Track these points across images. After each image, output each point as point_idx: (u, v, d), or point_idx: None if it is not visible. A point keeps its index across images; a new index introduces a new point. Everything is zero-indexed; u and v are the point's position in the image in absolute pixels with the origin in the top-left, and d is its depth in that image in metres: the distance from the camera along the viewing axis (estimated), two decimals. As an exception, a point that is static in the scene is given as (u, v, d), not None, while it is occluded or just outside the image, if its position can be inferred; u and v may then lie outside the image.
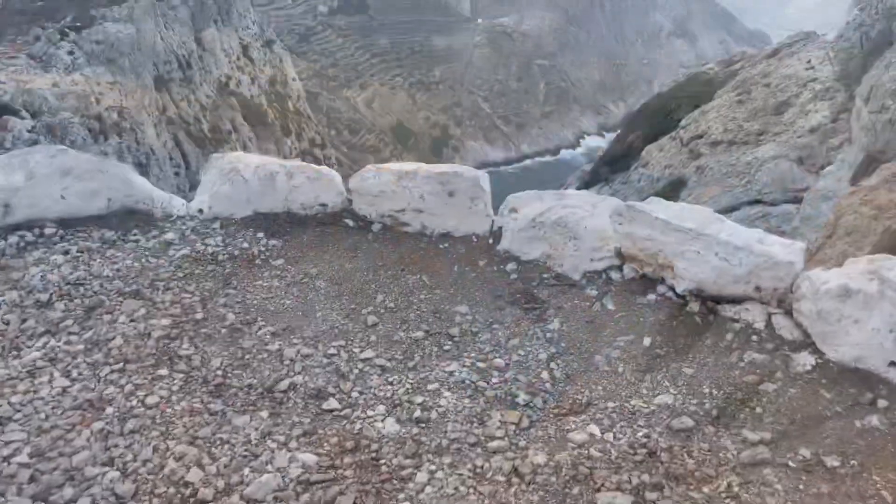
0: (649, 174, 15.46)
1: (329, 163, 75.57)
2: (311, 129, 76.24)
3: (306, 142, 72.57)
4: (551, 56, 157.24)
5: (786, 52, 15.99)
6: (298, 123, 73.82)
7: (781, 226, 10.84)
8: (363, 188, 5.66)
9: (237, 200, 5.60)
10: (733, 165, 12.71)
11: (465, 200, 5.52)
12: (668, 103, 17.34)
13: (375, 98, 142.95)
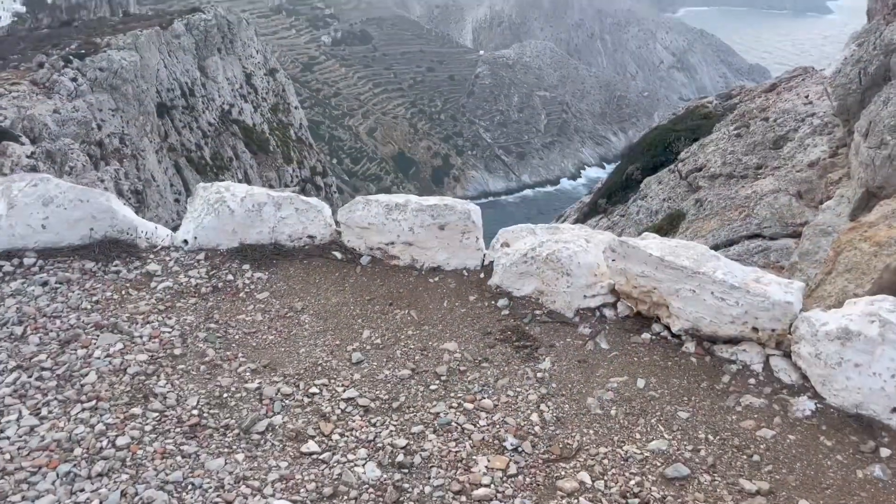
0: (648, 207, 15.35)
1: (330, 191, 75.93)
2: (312, 157, 76.68)
3: (308, 170, 72.97)
4: (552, 88, 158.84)
5: (784, 86, 16.01)
6: (300, 151, 74.30)
7: (780, 260, 10.70)
8: (352, 220, 5.54)
9: (223, 231, 5.48)
10: (732, 199, 12.61)
11: (455, 234, 5.40)
12: (666, 136, 17.32)
13: (377, 127, 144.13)
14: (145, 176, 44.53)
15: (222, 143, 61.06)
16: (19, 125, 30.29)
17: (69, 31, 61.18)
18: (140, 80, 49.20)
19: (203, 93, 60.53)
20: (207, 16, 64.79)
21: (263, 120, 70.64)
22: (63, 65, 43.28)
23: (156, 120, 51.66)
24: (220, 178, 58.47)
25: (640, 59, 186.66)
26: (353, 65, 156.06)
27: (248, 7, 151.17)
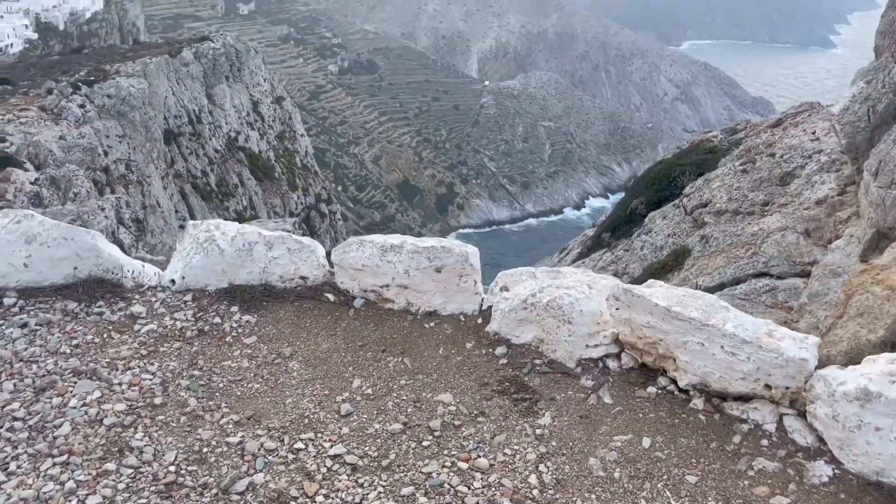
0: (652, 242, 15.14)
1: (334, 218, 76.06)
2: (317, 185, 76.97)
3: (312, 196, 73.19)
4: (557, 118, 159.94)
5: (790, 122, 15.90)
6: (305, 178, 74.62)
7: (789, 300, 10.45)
8: (345, 261, 5.34)
9: (212, 271, 5.28)
10: (738, 236, 12.39)
11: (453, 277, 5.19)
12: (671, 170, 17.18)
13: (382, 155, 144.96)
14: (150, 202, 44.60)
15: (228, 169, 61.34)
16: (24, 151, 30.35)
17: (79, 58, 61.89)
18: (148, 107, 49.56)
19: (210, 120, 60.99)
20: (216, 44, 65.58)
21: (269, 147, 71.08)
22: (72, 91, 43.61)
23: (162, 146, 51.93)
24: (225, 205, 58.63)
25: (644, 91, 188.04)
26: (359, 93, 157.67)
27: (257, 36, 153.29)
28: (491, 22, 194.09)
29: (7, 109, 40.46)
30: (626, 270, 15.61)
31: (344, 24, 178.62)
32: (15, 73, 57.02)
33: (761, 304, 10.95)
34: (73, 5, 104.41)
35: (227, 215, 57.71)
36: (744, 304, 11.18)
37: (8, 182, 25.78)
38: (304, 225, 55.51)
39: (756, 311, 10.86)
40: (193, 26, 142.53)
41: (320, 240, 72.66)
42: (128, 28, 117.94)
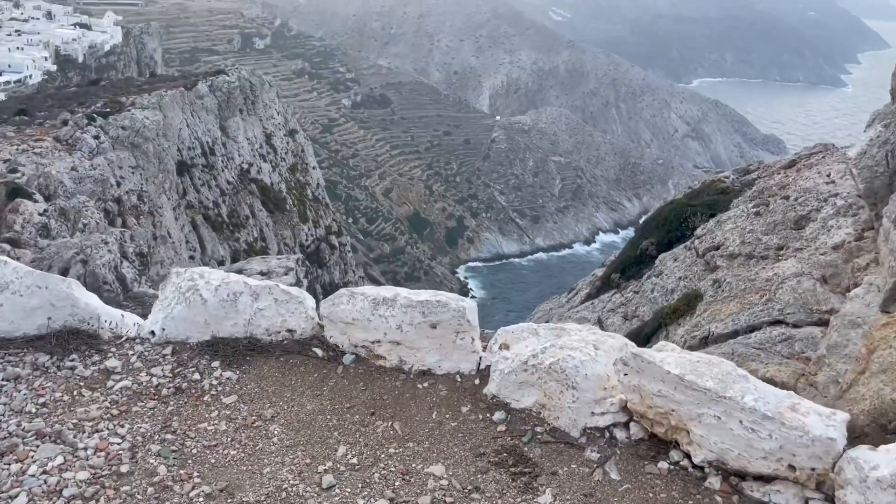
0: (663, 284, 14.75)
1: (344, 250, 76.04)
2: (328, 217, 77.18)
3: (323, 228, 73.33)
4: (567, 153, 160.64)
5: (804, 163, 15.59)
6: (316, 210, 74.87)
7: (806, 351, 10.01)
8: (335, 314, 5.02)
9: (194, 323, 4.97)
10: (752, 281, 12.00)
11: (449, 334, 4.86)
12: (682, 211, 16.85)
13: (393, 188, 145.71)
14: (161, 233, 44.68)
15: (240, 201, 61.58)
16: (35, 182, 30.48)
17: (96, 90, 62.81)
18: (162, 139, 49.99)
19: (223, 152, 61.47)
20: (231, 78, 66.42)
21: (281, 179, 71.49)
22: (87, 122, 44.07)
23: (175, 178, 52.24)
24: (236, 236, 58.69)
25: (654, 128, 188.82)
26: (371, 127, 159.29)
27: (272, 70, 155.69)
28: (502, 58, 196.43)
29: (22, 140, 40.89)
30: (637, 313, 15.21)
31: (358, 59, 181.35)
32: (32, 104, 57.88)
33: (777, 353, 10.52)
34: (92, 38, 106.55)
35: (238, 246, 57.78)
36: (759, 353, 10.75)
37: (16, 213, 25.79)
38: (307, 262, 55.37)
39: (772, 362, 10.42)
40: (210, 60, 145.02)
41: (329, 272, 72.58)
42: (145, 61, 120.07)
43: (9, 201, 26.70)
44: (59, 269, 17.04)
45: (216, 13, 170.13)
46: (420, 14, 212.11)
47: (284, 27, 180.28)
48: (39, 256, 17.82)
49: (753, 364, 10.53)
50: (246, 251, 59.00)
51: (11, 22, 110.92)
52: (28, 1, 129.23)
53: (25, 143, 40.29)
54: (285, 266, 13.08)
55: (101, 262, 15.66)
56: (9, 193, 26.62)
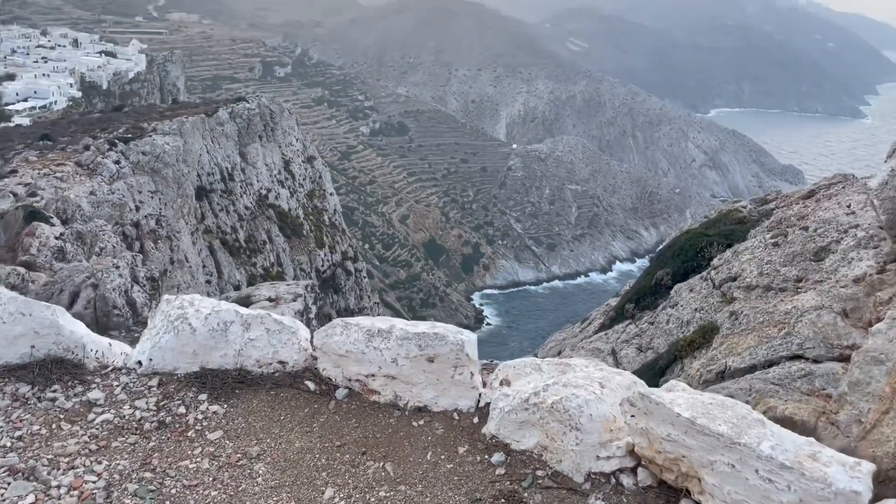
0: (679, 316, 14.38)
1: (360, 276, 76.07)
2: (344, 243, 77.37)
3: (339, 254, 73.48)
4: (584, 181, 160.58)
5: (823, 193, 15.26)
6: (333, 236, 75.14)
7: (826, 387, 9.62)
8: (328, 346, 4.80)
9: (182, 353, 4.77)
10: (770, 314, 11.64)
11: (446, 368, 4.62)
12: (698, 240, 16.52)
13: (410, 214, 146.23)
14: (178, 257, 44.89)
15: (257, 226, 61.89)
16: (53, 206, 30.74)
17: (119, 116, 63.83)
18: (182, 164, 50.47)
19: (242, 177, 61.98)
20: (251, 105, 67.22)
21: (299, 205, 71.92)
22: (108, 148, 44.61)
23: (194, 202, 52.62)
24: (253, 261, 58.99)
25: (671, 157, 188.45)
26: (389, 154, 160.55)
27: (292, 98, 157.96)
28: (520, 87, 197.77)
29: (44, 164, 41.52)
30: (651, 345, 14.84)
31: (376, 87, 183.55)
32: (56, 129, 58.90)
33: (796, 390, 10.12)
34: (117, 66, 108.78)
35: (255, 271, 57.97)
36: (777, 389, 10.35)
37: (33, 236, 25.94)
38: (323, 287, 55.36)
39: (791, 399, 10.03)
40: (231, 87, 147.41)
41: (345, 298, 72.51)
42: (168, 88, 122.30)
43: (26, 224, 26.90)
44: (69, 293, 16.99)
45: (238, 42, 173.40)
46: (438, 44, 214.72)
47: (305, 56, 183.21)
48: (51, 280, 17.81)
49: (772, 400, 10.13)
50: (262, 276, 59.20)
51: (38, 49, 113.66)
52: (55, 29, 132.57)
53: (47, 168, 40.87)
54: (294, 292, 12.91)
55: (111, 287, 15.59)
56: (26, 217, 26.83)
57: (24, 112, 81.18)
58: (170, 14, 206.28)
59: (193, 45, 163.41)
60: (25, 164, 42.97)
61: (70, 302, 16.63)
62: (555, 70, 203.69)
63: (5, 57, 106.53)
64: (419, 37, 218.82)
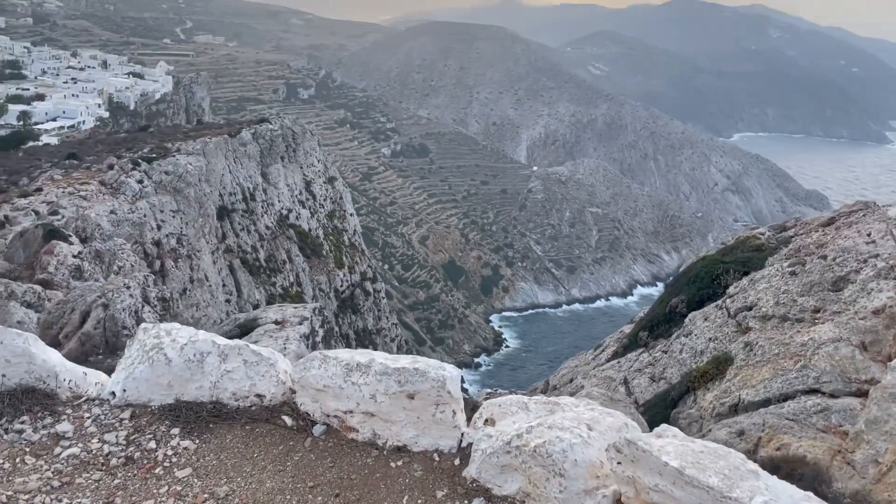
0: (692, 345, 14.02)
1: (378, 296, 76.12)
2: (363, 263, 77.54)
3: (358, 275, 73.65)
4: (605, 204, 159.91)
5: (843, 221, 14.86)
6: (352, 257, 75.39)
7: (843, 424, 9.23)
8: (306, 380, 4.61)
9: (156, 385, 4.62)
10: (787, 345, 11.26)
11: (427, 406, 4.41)
12: (714, 267, 16.16)
13: (430, 236, 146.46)
14: (198, 276, 45.20)
15: (277, 246, 62.26)
16: (73, 225, 31.10)
17: (144, 136, 64.93)
18: (204, 184, 51.01)
19: (263, 197, 62.56)
20: (274, 126, 68.04)
21: (319, 225, 72.38)
22: (131, 167, 45.23)
23: (215, 222, 53.07)
24: (273, 280, 59.30)
25: (693, 181, 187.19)
26: (410, 176, 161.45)
27: (315, 119, 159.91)
28: (541, 110, 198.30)
29: (69, 183, 42.24)
30: (664, 375, 14.44)
31: (398, 109, 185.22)
32: (83, 148, 60.03)
33: (811, 426, 9.72)
34: (144, 87, 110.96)
35: (274, 291, 58.26)
36: (792, 425, 9.96)
37: (51, 255, 26.20)
38: (325, 311, 55.47)
39: (805, 436, 9.64)
40: (256, 108, 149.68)
41: (363, 318, 72.51)
42: (194, 109, 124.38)
43: (45, 243, 27.20)
44: (80, 313, 17.02)
45: (263, 64, 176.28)
46: (460, 67, 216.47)
47: (329, 78, 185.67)
48: (63, 300, 17.90)
49: (786, 437, 9.75)
50: (281, 296, 59.50)
51: (68, 70, 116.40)
52: (85, 50, 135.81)
53: (72, 186, 41.57)
54: (300, 315, 12.79)
55: (121, 307, 15.60)
56: (45, 235, 27.14)
57: (53, 131, 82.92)
58: (196, 36, 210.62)
59: (219, 66, 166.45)
60: (51, 183, 43.72)
61: (81, 321, 16.66)
62: (576, 93, 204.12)
63: (36, 77, 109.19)
64: (441, 60, 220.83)
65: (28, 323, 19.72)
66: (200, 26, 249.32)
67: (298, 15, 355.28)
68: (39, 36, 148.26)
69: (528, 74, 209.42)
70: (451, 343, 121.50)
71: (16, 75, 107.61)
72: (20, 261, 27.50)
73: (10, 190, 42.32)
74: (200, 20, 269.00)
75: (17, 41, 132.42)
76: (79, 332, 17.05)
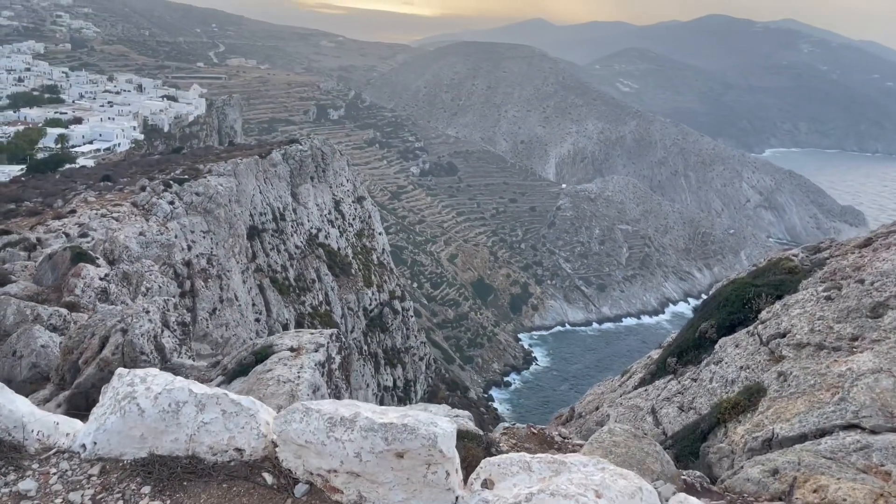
0: (723, 374, 13.40)
1: (407, 315, 75.98)
2: (392, 282, 77.54)
3: (387, 293, 73.69)
4: (635, 221, 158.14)
5: (881, 242, 14.15)
6: (381, 275, 75.46)
7: (886, 463, 8.59)
8: (287, 434, 4.25)
9: (129, 437, 4.30)
10: (823, 376, 10.63)
11: (418, 466, 4.01)
12: (745, 291, 15.51)
13: (458, 254, 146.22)
14: (228, 295, 45.47)
15: (307, 265, 62.56)
16: (101, 247, 31.45)
17: (177, 158, 66.07)
18: (234, 205, 51.51)
19: (293, 217, 63.07)
20: (304, 146, 68.74)
21: (348, 244, 72.72)
22: (163, 189, 45.86)
23: (245, 242, 53.50)
24: (302, 299, 59.54)
25: (725, 197, 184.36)
26: (438, 194, 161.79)
27: (345, 139, 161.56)
28: (569, 128, 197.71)
29: (102, 204, 42.98)
30: (693, 405, 13.81)
31: (427, 128, 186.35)
32: (118, 170, 61.25)
33: (851, 465, 9.07)
34: (178, 109, 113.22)
35: (303, 310, 58.47)
36: (830, 464, 9.32)
37: (78, 277, 26.43)
38: (342, 336, 55.40)
39: (845, 476, 8.99)
40: (287, 129, 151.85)
41: (391, 337, 72.45)
42: (226, 130, 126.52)
43: (72, 265, 27.48)
44: (100, 338, 16.99)
45: (294, 86, 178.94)
46: (488, 86, 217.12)
47: (358, 99, 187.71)
48: (84, 324, 17.90)
49: (823, 478, 9.11)
50: (310, 314, 59.72)
51: (105, 94, 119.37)
52: (121, 74, 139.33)
53: (104, 208, 42.27)
54: (317, 342, 12.50)
55: (139, 332, 15.50)
56: (73, 258, 27.41)
57: (89, 154, 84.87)
58: (229, 59, 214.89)
59: (251, 88, 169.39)
60: (84, 205, 44.52)
61: (100, 346, 16.62)
62: (604, 110, 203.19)
63: (73, 101, 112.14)
64: (469, 79, 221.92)
65: (52, 347, 19.80)
66: (233, 50, 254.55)
67: (329, 37, 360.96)
68: (77, 61, 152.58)
69: (556, 92, 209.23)
70: (481, 361, 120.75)
71: (54, 99, 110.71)
72: (48, 283, 27.82)
73: (45, 212, 43.20)
74: (233, 44, 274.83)
75: (56, 66, 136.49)
76: (98, 358, 16.98)
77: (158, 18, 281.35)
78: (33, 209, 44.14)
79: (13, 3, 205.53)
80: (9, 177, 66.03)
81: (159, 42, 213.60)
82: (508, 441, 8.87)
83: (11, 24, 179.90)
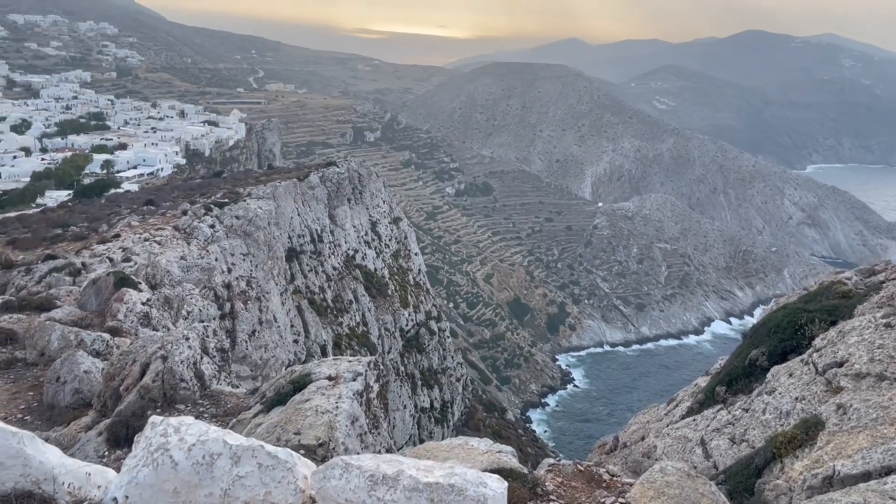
0: (777, 405, 12.78)
1: (443, 335, 75.67)
2: (428, 302, 77.42)
3: (423, 314, 73.56)
4: (673, 240, 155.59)
5: (943, 265, 13.45)
6: (417, 296, 75.40)
7: (964, 509, 7.94)
8: (326, 491, 4.01)
9: (161, 491, 4.11)
10: (886, 409, 10.03)
11: (465, 529, 3.73)
12: (797, 316, 14.85)
13: (494, 273, 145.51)
14: (267, 317, 45.87)
15: (344, 286, 62.86)
16: (143, 272, 31.92)
17: (218, 182, 67.26)
18: (273, 227, 52.12)
19: (331, 239, 63.57)
20: (341, 169, 69.43)
21: (384, 265, 72.96)
22: (204, 212, 46.63)
23: (283, 264, 54.02)
24: (339, 320, 59.74)
25: (766, 214, 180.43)
26: (473, 214, 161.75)
27: (381, 161, 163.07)
28: (605, 146, 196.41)
29: (145, 228, 43.83)
30: (745, 437, 13.21)
31: (462, 149, 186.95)
32: (160, 194, 62.61)
33: (925, 510, 8.46)
34: (218, 134, 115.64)
35: (341, 331, 58.66)
36: (900, 507, 8.71)
37: (121, 302, 26.83)
38: (380, 364, 55.33)
39: (918, 522, 8.37)
40: (324, 152, 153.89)
41: (428, 357, 72.16)
42: (265, 154, 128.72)
43: (115, 290, 27.91)
44: (140, 364, 17.09)
45: (331, 109, 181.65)
46: (523, 106, 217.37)
47: (394, 121, 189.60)
48: (126, 350, 18.04)
49: (894, 523, 8.50)
50: (348, 335, 59.87)
51: (149, 120, 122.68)
52: (164, 101, 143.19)
53: (147, 232, 43.09)
54: (354, 370, 12.27)
55: (179, 359, 15.46)
56: (116, 283, 27.86)
57: (133, 179, 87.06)
58: (268, 85, 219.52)
59: (289, 112, 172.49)
60: (128, 229, 45.45)
61: (140, 373, 16.68)
62: (641, 128, 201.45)
63: (118, 128, 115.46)
64: (504, 99, 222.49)
65: (94, 372, 19.99)
66: (272, 75, 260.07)
67: (365, 61, 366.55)
68: (122, 89, 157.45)
69: (591, 111, 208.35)
70: (518, 382, 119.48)
71: (100, 126, 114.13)
72: (92, 308, 28.26)
73: (90, 236, 44.20)
74: (272, 69, 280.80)
75: (102, 94, 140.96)
76: (138, 385, 17.03)
77: (199, 46, 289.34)
78: (79, 234, 45.19)
79: (61, 34, 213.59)
80: (57, 202, 68.02)
81: (201, 69, 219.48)
82: (554, 479, 8.47)
83: (60, 53, 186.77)
